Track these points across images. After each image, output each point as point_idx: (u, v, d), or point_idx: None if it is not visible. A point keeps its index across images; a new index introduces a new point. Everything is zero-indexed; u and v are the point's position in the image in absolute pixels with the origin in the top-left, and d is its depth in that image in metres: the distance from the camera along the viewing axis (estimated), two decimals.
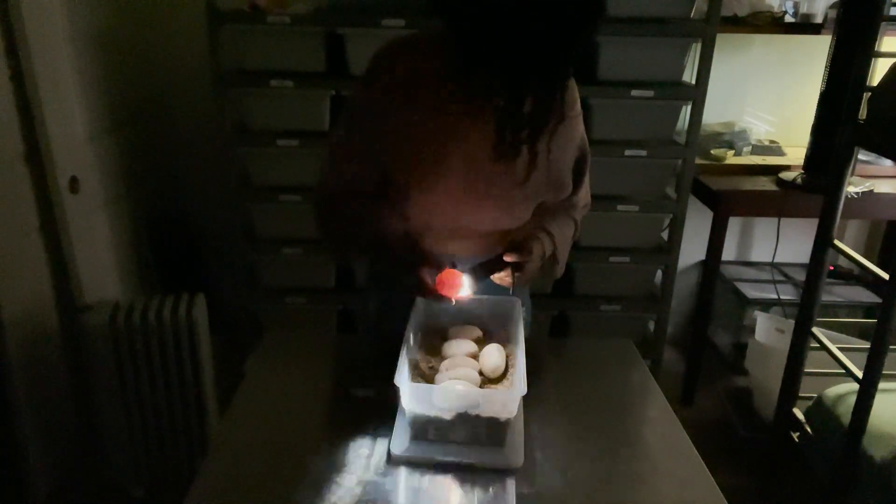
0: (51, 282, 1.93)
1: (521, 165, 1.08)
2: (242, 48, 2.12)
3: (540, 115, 0.95)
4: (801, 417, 1.79)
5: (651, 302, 2.42)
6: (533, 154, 1.01)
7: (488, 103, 0.97)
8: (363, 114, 1.12)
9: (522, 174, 1.10)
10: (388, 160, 1.12)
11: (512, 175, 1.11)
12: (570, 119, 1.15)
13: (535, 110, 0.95)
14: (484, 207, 1.15)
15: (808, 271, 1.74)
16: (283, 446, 1.00)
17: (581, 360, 1.31)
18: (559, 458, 0.99)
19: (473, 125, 1.07)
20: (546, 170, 1.12)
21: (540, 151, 1.02)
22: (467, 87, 0.97)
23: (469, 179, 1.11)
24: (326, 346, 1.36)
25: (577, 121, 1.18)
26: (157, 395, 1.88)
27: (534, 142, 0.98)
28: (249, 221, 2.32)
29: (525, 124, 0.96)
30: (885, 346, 1.43)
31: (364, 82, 1.11)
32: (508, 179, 1.12)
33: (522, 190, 1.13)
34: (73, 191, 1.87)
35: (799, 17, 2.45)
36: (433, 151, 1.09)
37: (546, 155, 1.06)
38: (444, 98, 1.05)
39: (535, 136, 0.98)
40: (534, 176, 1.09)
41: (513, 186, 1.13)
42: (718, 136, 2.56)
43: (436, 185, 1.11)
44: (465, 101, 1.02)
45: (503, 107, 0.95)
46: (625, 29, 2.07)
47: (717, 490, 0.93)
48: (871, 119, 1.55)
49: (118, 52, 2.23)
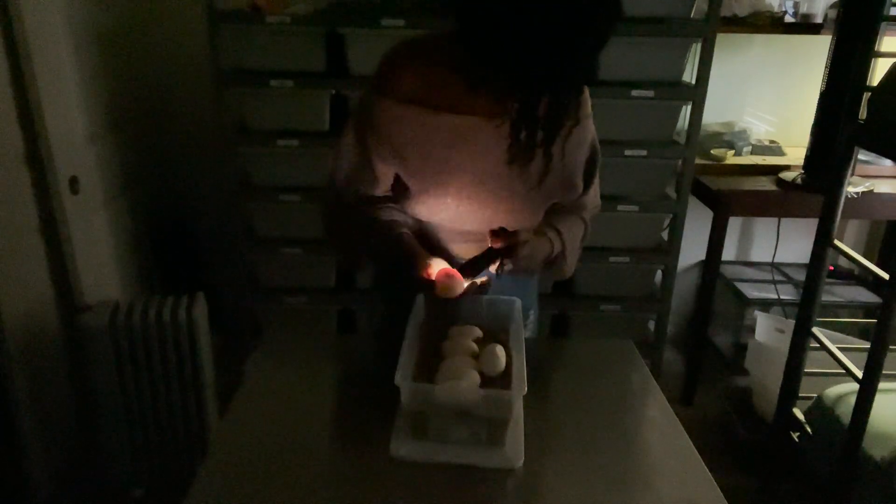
0: (51, 282, 1.93)
1: (535, 168, 1.06)
2: (242, 48, 2.12)
3: (556, 119, 0.94)
4: (801, 417, 1.79)
5: (651, 302, 2.42)
6: (547, 157, 0.99)
7: (502, 107, 0.96)
8: (372, 118, 1.10)
9: (536, 177, 1.08)
10: (400, 164, 1.11)
11: (525, 178, 1.09)
12: (583, 119, 1.14)
13: (551, 113, 0.93)
14: (496, 210, 1.14)
15: (808, 271, 1.74)
16: (282, 446, 1.00)
17: (581, 360, 1.31)
18: (559, 458, 0.99)
19: (486, 128, 1.06)
20: (560, 172, 1.10)
21: (554, 154, 1.00)
22: (481, 90, 0.95)
23: (482, 182, 1.10)
24: (326, 346, 1.36)
25: (588, 121, 1.17)
26: (157, 396, 1.88)
27: (549, 144, 0.97)
28: (249, 221, 2.32)
29: (540, 127, 0.94)
30: (885, 346, 1.43)
31: (373, 86, 1.10)
32: (521, 182, 1.10)
33: (535, 192, 1.12)
34: (73, 191, 1.87)
35: (799, 17, 2.45)
36: (445, 156, 1.08)
37: (560, 158, 1.05)
38: (455, 101, 1.04)
39: (550, 138, 0.96)
40: (547, 179, 1.08)
41: (526, 189, 1.11)
42: (718, 136, 2.56)
43: (447, 189, 1.11)
44: (478, 105, 1.01)
45: (518, 109, 0.93)
46: (625, 29, 2.07)
47: (717, 490, 0.93)
48: (871, 119, 1.55)
49: (118, 51, 2.23)
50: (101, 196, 2.06)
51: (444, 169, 1.09)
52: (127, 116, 2.28)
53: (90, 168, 2.00)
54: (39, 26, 1.74)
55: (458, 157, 1.08)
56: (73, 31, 1.92)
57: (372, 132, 1.11)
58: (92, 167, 2.01)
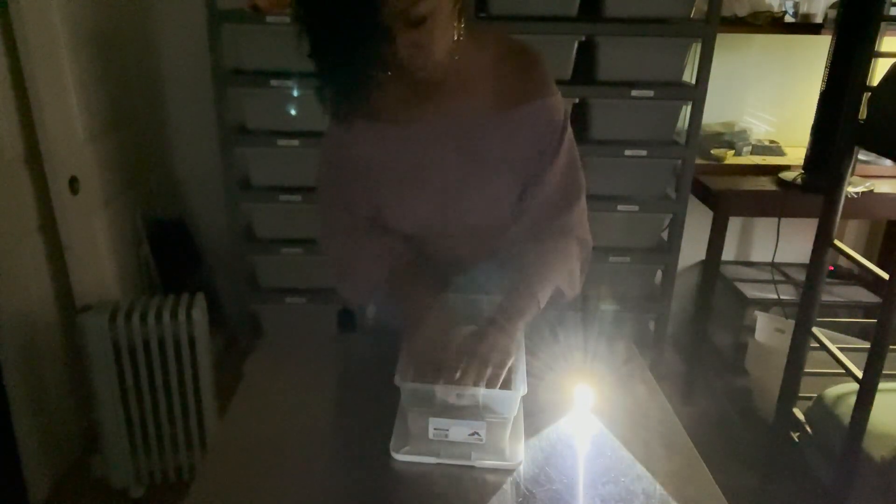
0: (51, 282, 1.93)
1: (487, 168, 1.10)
2: (242, 48, 2.12)
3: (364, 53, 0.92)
4: (801, 417, 1.79)
5: (651, 302, 2.42)
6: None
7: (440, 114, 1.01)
8: (331, 159, 1.16)
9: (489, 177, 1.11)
10: (366, 186, 1.14)
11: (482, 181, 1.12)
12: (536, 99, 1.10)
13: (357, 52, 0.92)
14: (463, 207, 1.15)
15: (808, 271, 1.74)
16: (282, 446, 1.00)
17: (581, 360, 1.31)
18: (559, 458, 0.99)
19: (436, 137, 1.09)
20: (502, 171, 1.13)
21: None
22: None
23: (441, 187, 1.12)
24: (326, 346, 1.36)
25: (545, 101, 1.11)
26: (157, 396, 1.88)
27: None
28: (249, 221, 2.32)
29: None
30: (885, 346, 1.44)
31: (332, 118, 1.10)
32: (478, 183, 1.13)
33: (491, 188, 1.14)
34: (72, 191, 1.87)
35: (799, 17, 2.45)
36: (401, 172, 1.12)
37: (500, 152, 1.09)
38: (402, 116, 1.08)
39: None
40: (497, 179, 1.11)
41: (482, 186, 1.13)
42: (718, 136, 2.56)
43: (412, 203, 1.14)
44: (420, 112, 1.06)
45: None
46: (625, 29, 2.07)
47: (717, 490, 0.93)
48: (871, 119, 1.55)
49: (118, 52, 2.23)
50: (100, 196, 2.06)
51: (405, 184, 1.13)
52: (126, 116, 2.28)
53: (90, 168, 2.00)
54: (39, 26, 1.74)
55: (413, 169, 1.12)
56: (72, 30, 1.92)
57: (336, 164, 1.16)
58: (91, 167, 2.01)
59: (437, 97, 1.08)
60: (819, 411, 1.72)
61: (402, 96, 1.08)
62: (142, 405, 1.87)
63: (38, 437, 1.89)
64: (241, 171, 2.26)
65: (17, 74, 1.72)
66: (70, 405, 2.06)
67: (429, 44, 0.96)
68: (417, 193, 1.14)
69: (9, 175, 1.76)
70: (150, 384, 1.86)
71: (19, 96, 1.75)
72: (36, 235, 1.87)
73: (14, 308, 1.77)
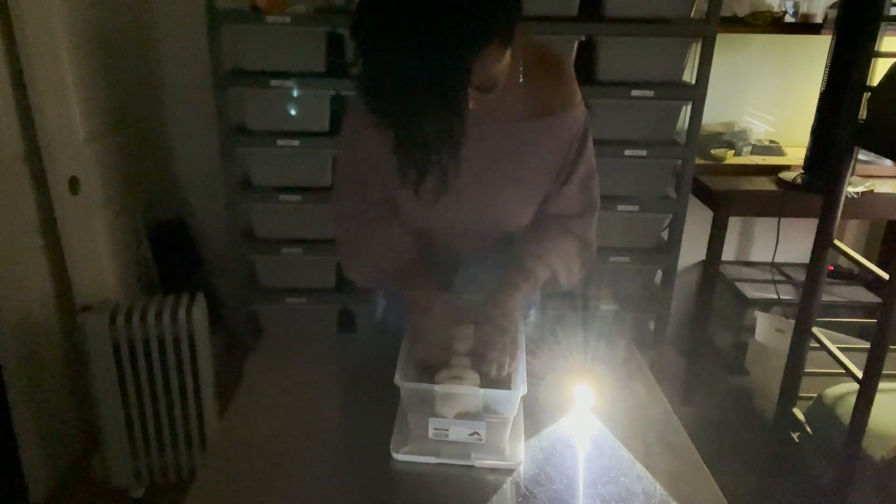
0: (51, 282, 1.93)
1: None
2: (242, 48, 2.12)
3: (446, 136, 0.90)
4: (801, 417, 1.79)
5: (651, 302, 2.42)
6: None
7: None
8: (349, 144, 1.16)
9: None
10: (383, 179, 1.13)
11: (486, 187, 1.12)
12: (568, 110, 1.12)
13: (438, 136, 0.90)
14: (478, 211, 1.15)
15: (808, 271, 1.74)
16: (282, 446, 1.00)
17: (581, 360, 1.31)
18: (559, 458, 0.99)
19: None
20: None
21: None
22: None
23: (460, 190, 1.10)
24: (326, 346, 1.36)
25: (572, 111, 1.13)
26: (157, 396, 1.88)
27: (450, 161, 0.93)
28: (249, 221, 2.32)
29: (432, 152, 0.92)
30: (885, 346, 1.44)
31: (347, 114, 1.13)
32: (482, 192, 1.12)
33: (503, 195, 1.14)
34: (72, 191, 1.87)
35: (799, 17, 2.45)
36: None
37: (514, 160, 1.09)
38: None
39: (451, 155, 0.93)
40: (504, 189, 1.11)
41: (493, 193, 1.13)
42: (718, 136, 2.56)
43: (428, 202, 1.12)
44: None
45: (399, 138, 0.92)
46: (625, 29, 2.07)
47: (717, 490, 0.93)
48: (871, 119, 1.55)
49: (118, 52, 2.23)
50: (100, 196, 2.06)
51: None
52: (126, 117, 2.28)
53: (90, 168, 2.00)
54: (39, 27, 1.74)
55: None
56: (72, 31, 1.92)
57: (351, 158, 1.17)
58: (91, 167, 2.01)
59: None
60: (819, 411, 1.72)
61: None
62: (142, 405, 1.87)
63: (38, 437, 1.89)
64: (241, 171, 2.26)
65: (17, 74, 1.72)
66: (70, 405, 2.06)
67: (495, 93, 0.97)
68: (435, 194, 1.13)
69: (9, 175, 1.76)
70: (150, 384, 1.86)
71: (19, 96, 1.75)
72: (36, 235, 1.87)
73: (14, 308, 1.77)
